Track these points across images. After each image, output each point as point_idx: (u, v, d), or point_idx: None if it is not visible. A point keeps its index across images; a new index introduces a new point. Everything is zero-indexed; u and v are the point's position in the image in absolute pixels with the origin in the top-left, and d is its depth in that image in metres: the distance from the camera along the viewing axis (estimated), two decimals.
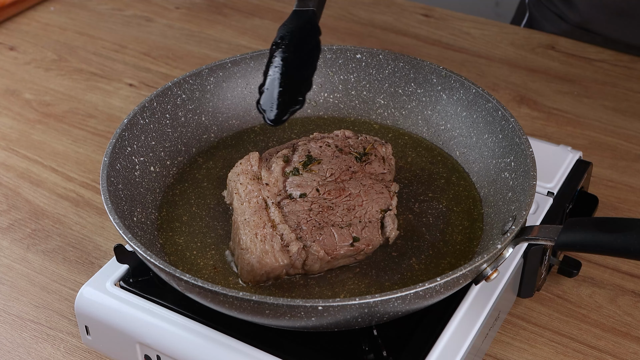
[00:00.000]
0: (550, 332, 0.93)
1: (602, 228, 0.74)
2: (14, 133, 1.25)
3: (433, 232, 0.87)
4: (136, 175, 0.90)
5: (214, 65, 1.00)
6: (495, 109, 0.92)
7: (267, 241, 0.81)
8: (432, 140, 0.99)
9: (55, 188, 1.14)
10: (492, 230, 0.85)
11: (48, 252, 1.04)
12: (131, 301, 0.84)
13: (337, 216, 0.85)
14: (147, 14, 1.57)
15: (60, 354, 0.92)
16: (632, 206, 1.09)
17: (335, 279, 0.82)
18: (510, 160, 0.88)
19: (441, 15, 1.54)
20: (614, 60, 1.39)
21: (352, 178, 0.89)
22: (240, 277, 0.82)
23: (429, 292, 0.72)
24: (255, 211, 0.84)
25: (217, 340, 0.80)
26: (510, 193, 0.85)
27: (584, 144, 1.20)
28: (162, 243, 0.87)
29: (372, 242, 0.84)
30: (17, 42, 1.49)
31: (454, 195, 0.92)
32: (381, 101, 1.02)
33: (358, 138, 0.95)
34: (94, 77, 1.38)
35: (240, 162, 0.90)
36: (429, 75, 0.99)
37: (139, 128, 0.92)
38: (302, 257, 0.81)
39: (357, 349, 0.79)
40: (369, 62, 1.02)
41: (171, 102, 0.96)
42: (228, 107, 1.01)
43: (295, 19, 0.92)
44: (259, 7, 1.58)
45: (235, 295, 0.70)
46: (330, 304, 0.69)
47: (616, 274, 0.99)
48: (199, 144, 0.99)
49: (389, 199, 0.88)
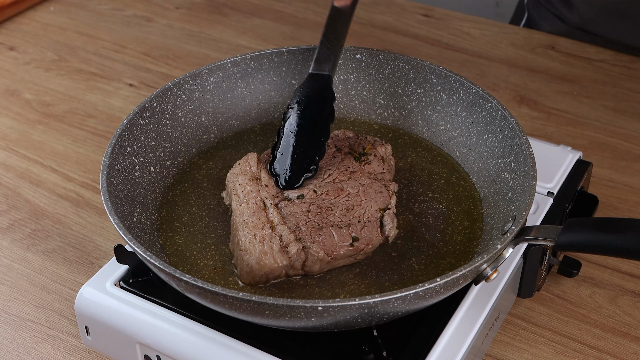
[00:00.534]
0: (550, 332, 0.93)
1: (602, 228, 0.74)
2: (14, 133, 1.25)
3: (433, 233, 0.87)
4: (136, 175, 0.90)
5: (213, 66, 1.00)
6: (495, 109, 0.92)
7: (266, 242, 0.81)
8: (432, 140, 0.99)
9: (55, 188, 1.14)
10: (492, 231, 0.85)
11: (48, 252, 1.04)
12: (131, 301, 0.84)
13: (336, 216, 0.85)
14: (147, 14, 1.57)
15: (60, 354, 0.92)
16: (632, 206, 1.09)
17: (335, 279, 0.82)
18: (510, 161, 0.88)
19: (441, 15, 1.54)
20: (614, 60, 1.39)
21: (350, 178, 0.89)
22: (240, 278, 0.82)
23: (429, 293, 0.72)
24: (254, 212, 0.84)
25: (217, 340, 0.80)
26: (510, 193, 0.85)
27: (584, 144, 1.20)
28: (162, 243, 0.87)
29: (371, 242, 0.84)
30: (17, 42, 1.49)
31: (453, 195, 0.92)
32: (381, 101, 1.02)
33: (358, 138, 0.95)
34: (94, 77, 1.38)
35: (238, 163, 0.90)
36: (428, 75, 0.99)
37: (139, 128, 0.92)
38: (302, 258, 0.81)
39: (357, 349, 0.79)
40: (368, 62, 1.02)
41: (171, 102, 0.96)
42: (228, 107, 1.01)
43: (312, 82, 0.95)
44: (259, 7, 1.58)
45: (235, 296, 0.70)
46: (330, 305, 0.69)
47: (616, 274, 0.99)
48: (199, 145, 0.99)
49: (387, 198, 0.88)
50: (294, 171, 0.88)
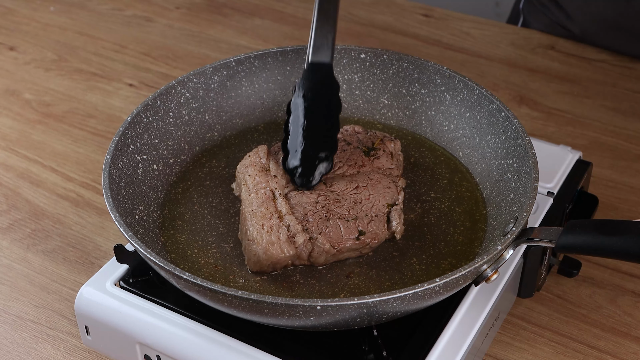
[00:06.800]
0: (550, 332, 0.93)
1: (602, 230, 0.74)
2: (14, 133, 1.25)
3: (435, 233, 0.87)
4: (139, 173, 0.90)
5: (218, 64, 1.00)
6: (499, 110, 0.91)
7: (273, 232, 0.82)
8: (436, 140, 0.99)
9: (55, 188, 1.14)
10: (493, 232, 0.85)
11: (48, 252, 1.04)
12: (131, 301, 0.84)
13: (344, 209, 0.85)
14: (147, 14, 1.57)
15: (60, 354, 0.92)
16: (632, 206, 1.09)
17: (335, 278, 0.82)
18: (512, 162, 0.88)
19: (441, 15, 1.54)
20: (614, 60, 1.39)
21: (359, 172, 0.89)
22: (248, 267, 0.83)
23: (428, 293, 0.72)
24: (263, 202, 0.85)
25: (217, 340, 0.80)
26: (513, 194, 0.85)
27: (584, 144, 1.20)
28: (163, 241, 0.87)
29: (377, 236, 0.84)
30: (17, 42, 1.49)
31: (456, 195, 0.92)
32: (385, 101, 1.02)
33: (367, 133, 0.95)
34: (94, 77, 1.38)
35: (248, 155, 0.91)
36: (432, 75, 0.99)
37: (142, 126, 0.92)
38: (308, 249, 0.82)
39: (357, 349, 0.79)
40: (373, 62, 1.02)
41: (175, 100, 0.96)
42: (232, 106, 1.01)
43: (313, 73, 0.92)
44: (259, 7, 1.58)
45: (234, 294, 0.70)
46: (329, 304, 0.69)
47: (616, 274, 0.99)
48: (203, 143, 0.99)
49: (395, 193, 0.88)
50: (309, 169, 0.87)
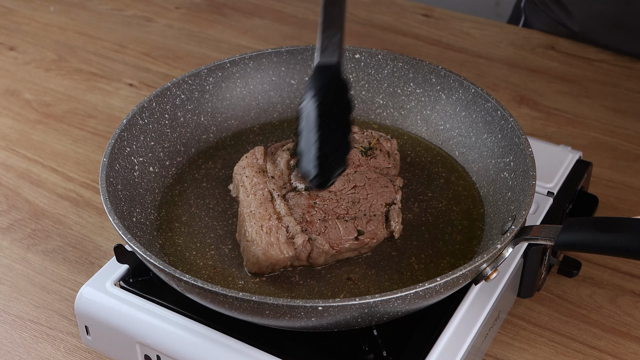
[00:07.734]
0: (550, 332, 0.93)
1: (601, 228, 0.74)
2: (14, 133, 1.25)
3: (433, 232, 0.87)
4: (135, 175, 0.90)
5: (212, 66, 1.00)
6: (495, 109, 0.92)
7: (272, 233, 0.82)
8: (431, 140, 0.99)
9: (55, 188, 1.14)
10: (491, 230, 0.85)
11: (48, 252, 1.04)
12: (131, 301, 0.84)
13: (342, 209, 0.85)
14: (147, 14, 1.57)
15: (60, 354, 0.92)
16: (632, 206, 1.09)
17: (334, 278, 0.82)
18: (509, 160, 0.88)
19: (441, 15, 1.54)
20: (614, 60, 1.39)
21: (356, 171, 0.89)
22: (246, 268, 0.83)
23: (429, 292, 0.72)
24: (261, 203, 0.85)
25: (217, 340, 0.80)
26: (510, 193, 0.85)
27: (584, 144, 1.20)
28: (161, 243, 0.87)
29: (376, 236, 0.84)
30: (17, 42, 1.49)
31: (453, 194, 0.92)
32: (380, 101, 1.02)
33: (364, 133, 0.95)
34: (94, 77, 1.38)
35: (245, 156, 0.91)
36: (428, 75, 0.99)
37: (138, 128, 0.92)
38: (307, 250, 0.82)
39: (357, 349, 0.79)
40: (367, 62, 1.02)
41: (170, 102, 0.96)
42: (227, 107, 1.01)
43: (321, 75, 0.90)
44: (259, 7, 1.58)
45: (235, 296, 0.70)
46: (330, 304, 0.69)
47: (616, 274, 0.99)
48: (198, 144, 0.99)
49: (393, 193, 0.88)
50: (325, 171, 0.85)
